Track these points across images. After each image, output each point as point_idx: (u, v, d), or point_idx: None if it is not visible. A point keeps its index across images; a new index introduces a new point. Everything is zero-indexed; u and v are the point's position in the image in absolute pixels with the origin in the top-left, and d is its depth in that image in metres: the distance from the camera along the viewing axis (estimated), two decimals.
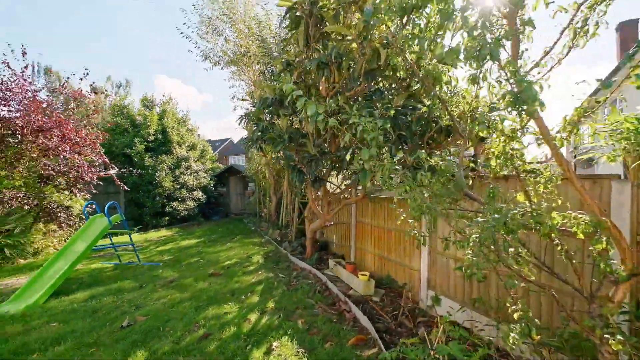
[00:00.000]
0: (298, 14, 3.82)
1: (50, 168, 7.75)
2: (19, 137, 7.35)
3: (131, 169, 11.34)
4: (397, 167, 1.96)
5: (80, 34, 53.92)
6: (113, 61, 54.83)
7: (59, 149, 7.71)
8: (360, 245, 6.09)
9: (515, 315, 1.77)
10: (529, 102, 1.38)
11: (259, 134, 6.58)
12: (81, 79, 8.42)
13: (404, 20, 2.58)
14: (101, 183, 9.31)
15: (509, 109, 1.49)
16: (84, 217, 7.70)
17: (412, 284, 4.63)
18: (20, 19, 47.03)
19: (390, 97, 3.27)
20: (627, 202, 2.26)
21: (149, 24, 65.03)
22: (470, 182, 2.59)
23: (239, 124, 7.93)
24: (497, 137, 1.85)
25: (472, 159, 3.19)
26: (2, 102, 7.39)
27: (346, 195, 5.69)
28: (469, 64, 1.80)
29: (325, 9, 3.46)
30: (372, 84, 3.73)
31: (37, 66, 20.15)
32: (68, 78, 8.23)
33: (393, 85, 3.82)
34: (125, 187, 10.48)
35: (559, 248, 1.88)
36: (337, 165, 4.83)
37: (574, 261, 1.88)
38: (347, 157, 2.74)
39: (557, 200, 1.96)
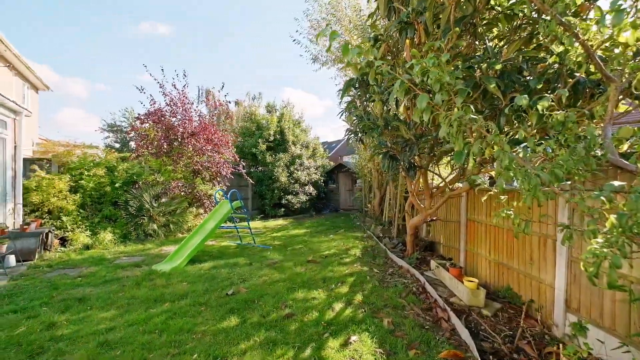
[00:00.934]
0: None
1: (199, 164, 9.86)
2: (180, 140, 9.62)
3: (256, 165, 13.26)
4: (474, 117, 1.40)
5: (241, 61, 67.27)
6: (252, 79, 65.91)
7: (204, 148, 9.70)
8: (472, 248, 5.10)
9: None
10: None
11: (359, 126, 6.45)
12: (219, 91, 10.41)
13: None
14: (233, 177, 11.24)
15: None
16: (214, 203, 9.41)
17: (542, 302, 3.52)
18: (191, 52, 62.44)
19: (496, 51, 2.48)
20: None
21: (280, 47, 75.08)
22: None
23: (340, 118, 8.00)
24: None
25: None
26: (173, 115, 9.85)
27: (450, 187, 4.87)
28: None
29: None
30: (477, 42, 2.97)
31: (201, 88, 26.05)
32: (210, 90, 10.30)
33: (508, 38, 2.92)
34: (252, 181, 12.32)
35: None
36: (436, 149, 4.16)
37: None
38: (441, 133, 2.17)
39: None
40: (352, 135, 7.12)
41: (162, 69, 9.28)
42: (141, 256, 6.39)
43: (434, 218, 5.37)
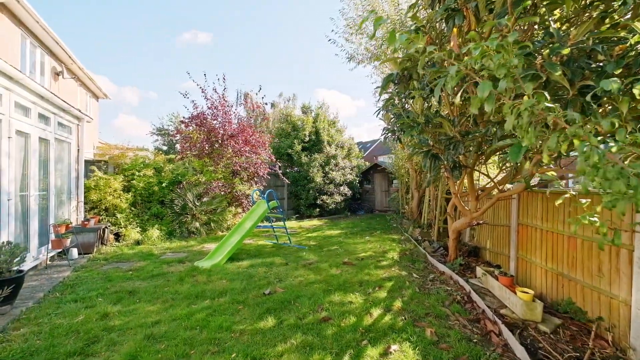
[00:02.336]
0: None
1: (237, 165, 10.20)
2: (220, 142, 10.02)
3: (292, 166, 13.43)
4: (549, 105, 1.18)
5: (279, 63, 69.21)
6: (285, 80, 67.44)
7: (242, 149, 10.01)
8: (524, 255, 4.64)
9: None
10: None
11: (397, 124, 6.25)
12: (256, 94, 10.70)
13: None
14: (269, 177, 11.48)
15: None
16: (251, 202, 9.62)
17: (614, 321, 3.07)
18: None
19: (562, 34, 2.16)
20: None
21: (311, 48, 75.98)
22: None
23: (377, 116, 7.81)
24: None
25: None
26: (214, 118, 10.29)
27: (499, 188, 4.46)
28: None
29: None
30: (536, 27, 2.63)
31: (239, 92, 27.05)
32: (248, 93, 10.62)
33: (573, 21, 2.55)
34: (287, 181, 12.49)
35: None
36: (485, 147, 3.83)
37: None
38: (507, 126, 1.88)
39: None
40: (390, 134, 6.88)
41: (205, 74, 9.75)
42: (184, 252, 6.72)
43: (480, 222, 4.98)
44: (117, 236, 7.48)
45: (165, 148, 28.84)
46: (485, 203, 4.64)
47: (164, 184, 8.57)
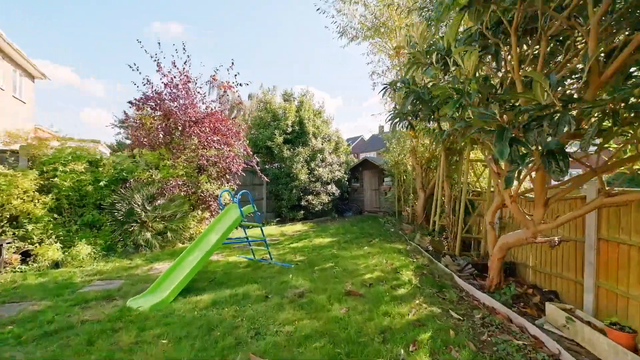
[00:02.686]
0: None
1: (204, 159, 8.20)
2: (181, 130, 7.99)
3: (272, 161, 11.56)
4: None
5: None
6: (262, 78, 64.89)
7: (209, 139, 8.04)
8: (612, 286, 3.20)
9: None
10: None
11: (409, 106, 4.93)
12: (227, 70, 8.72)
13: None
14: (245, 174, 9.56)
15: None
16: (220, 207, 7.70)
17: None
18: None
19: None
20: None
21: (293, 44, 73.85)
22: None
23: (383, 96, 6.22)
24: None
25: None
26: (173, 99, 8.18)
27: (606, 190, 2.93)
28: None
29: None
30: None
31: (213, 82, 24.57)
32: (217, 70, 8.59)
33: None
34: (267, 179, 10.59)
35: None
36: (611, 121, 2.28)
37: None
38: None
39: None
40: (397, 119, 5.35)
41: (159, 43, 7.64)
42: (121, 279, 4.77)
43: (558, 239, 3.45)
44: (27, 256, 5.36)
45: (128, 142, 25.86)
46: (563, 213, 3.12)
47: (102, 183, 6.50)
